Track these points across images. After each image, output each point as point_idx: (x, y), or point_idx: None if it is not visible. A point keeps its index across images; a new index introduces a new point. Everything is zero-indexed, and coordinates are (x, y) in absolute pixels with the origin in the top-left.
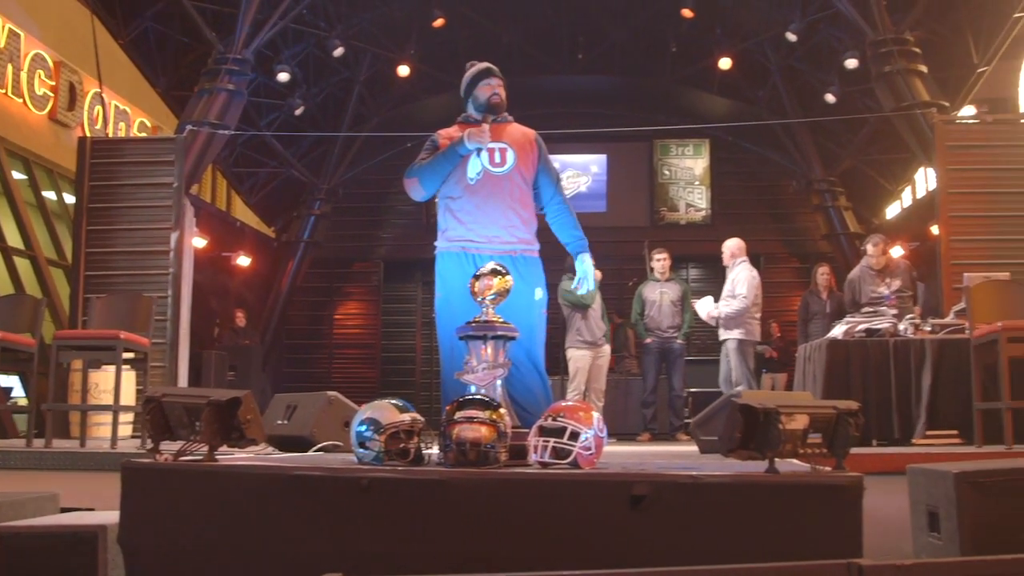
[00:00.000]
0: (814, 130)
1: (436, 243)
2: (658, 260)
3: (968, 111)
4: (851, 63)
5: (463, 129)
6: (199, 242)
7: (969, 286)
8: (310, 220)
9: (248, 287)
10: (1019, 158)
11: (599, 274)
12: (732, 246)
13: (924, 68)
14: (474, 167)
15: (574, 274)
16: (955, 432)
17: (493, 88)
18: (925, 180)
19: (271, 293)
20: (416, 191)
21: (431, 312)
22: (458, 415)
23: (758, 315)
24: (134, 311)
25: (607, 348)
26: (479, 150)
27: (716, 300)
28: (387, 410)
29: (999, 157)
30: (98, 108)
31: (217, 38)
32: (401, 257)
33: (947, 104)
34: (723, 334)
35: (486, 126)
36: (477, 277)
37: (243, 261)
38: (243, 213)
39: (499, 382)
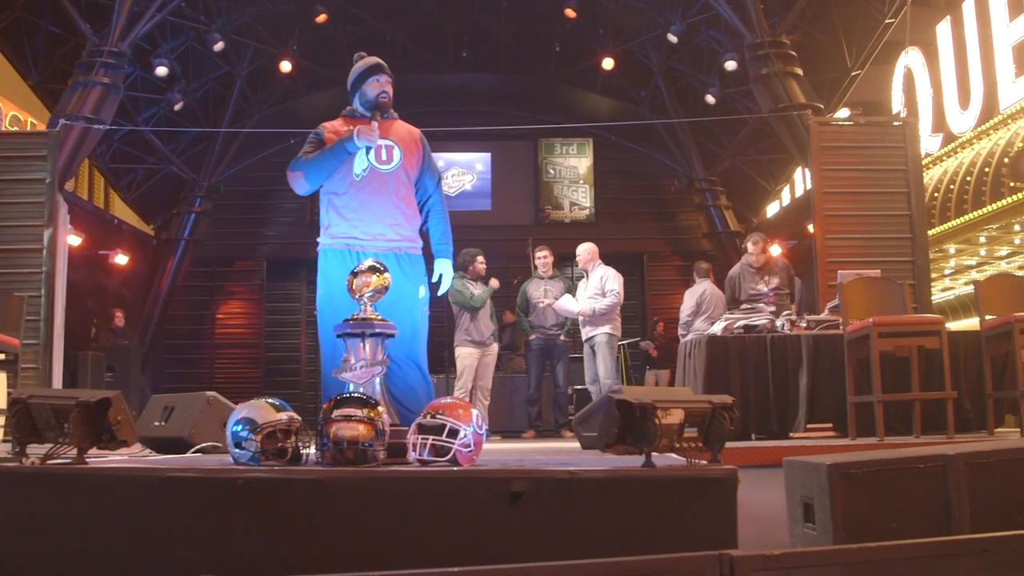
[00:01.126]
0: (695, 130)
1: (319, 240)
2: (540, 258)
3: (843, 114)
4: (730, 65)
5: (348, 123)
6: (74, 240)
7: (842, 283)
8: (191, 218)
9: (127, 286)
10: (890, 159)
11: (496, 283)
12: (589, 249)
13: (800, 71)
14: (360, 163)
15: (465, 272)
16: (831, 425)
17: (382, 86)
18: (803, 180)
19: (151, 292)
20: (300, 185)
21: (316, 311)
22: (335, 413)
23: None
24: (3, 310)
25: (495, 347)
26: (368, 149)
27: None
28: (263, 409)
29: (871, 158)
30: None
31: (92, 30)
32: (284, 255)
33: (822, 106)
34: (590, 331)
35: (375, 124)
36: (355, 274)
37: (121, 259)
38: (121, 210)
39: (378, 380)
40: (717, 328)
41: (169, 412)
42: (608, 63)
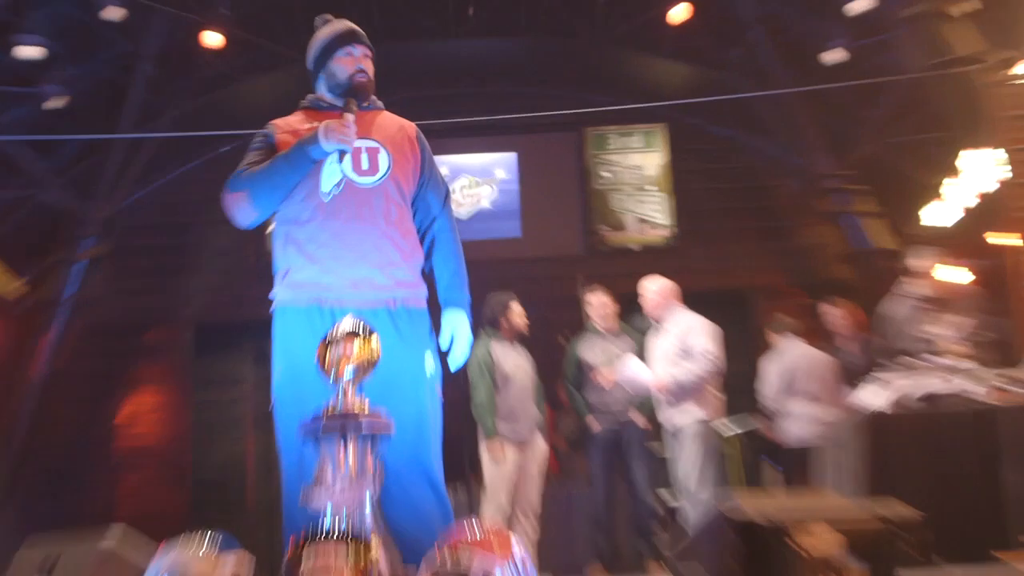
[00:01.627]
0: (814, 104)
1: (273, 294)
2: (595, 305)
3: None
4: (860, 5)
5: (312, 118)
6: None
7: None
8: (77, 267)
9: None
10: None
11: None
12: (662, 289)
13: (967, 6)
14: (331, 176)
15: (496, 329)
16: None
17: (357, 60)
18: (978, 169)
19: (16, 383)
20: (243, 212)
21: (271, 400)
22: (306, 559)
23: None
24: None
25: (542, 445)
26: (341, 153)
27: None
28: (196, 559)
29: None
30: None
31: None
32: (220, 319)
33: (1006, 56)
34: (673, 416)
35: (351, 117)
36: (327, 344)
37: None
38: None
39: (368, 502)
40: (882, 399)
41: (52, 566)
42: (680, 12)
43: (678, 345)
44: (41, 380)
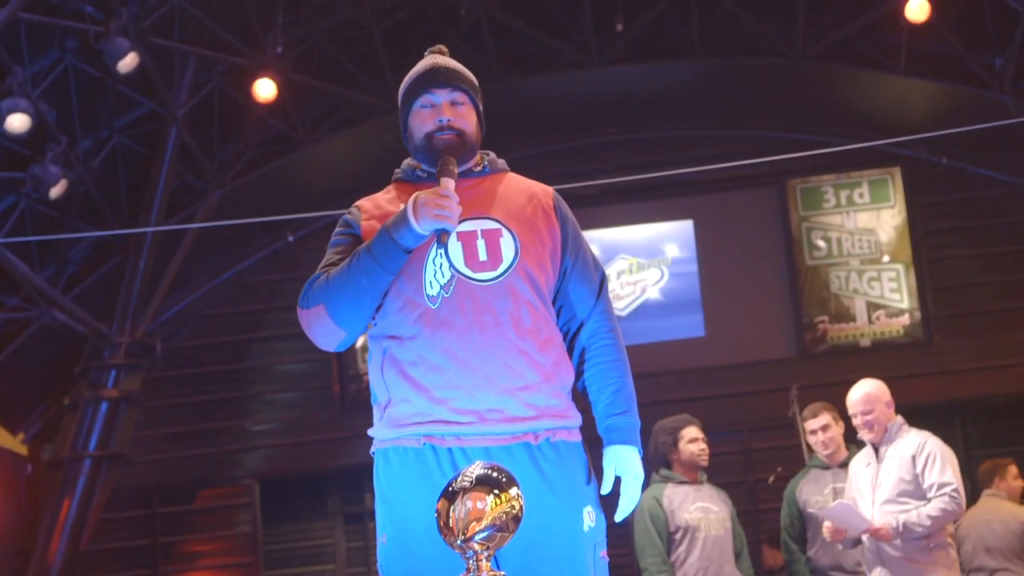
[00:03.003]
0: None
1: (372, 431)
2: (814, 429)
3: None
4: None
5: (410, 195)
6: None
7: None
8: (99, 411)
9: None
10: None
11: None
12: (875, 394)
13: None
14: (436, 272)
15: (669, 467)
16: None
17: (439, 111)
18: None
19: (29, 569)
20: (324, 332)
21: (367, 574)
22: None
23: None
24: None
25: None
26: (440, 234)
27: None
28: None
29: None
30: None
31: None
32: (295, 470)
33: None
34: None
35: (449, 181)
36: (449, 496)
37: None
38: None
39: None
40: None
41: None
42: (920, 7)
43: (904, 473)
44: (62, 564)
